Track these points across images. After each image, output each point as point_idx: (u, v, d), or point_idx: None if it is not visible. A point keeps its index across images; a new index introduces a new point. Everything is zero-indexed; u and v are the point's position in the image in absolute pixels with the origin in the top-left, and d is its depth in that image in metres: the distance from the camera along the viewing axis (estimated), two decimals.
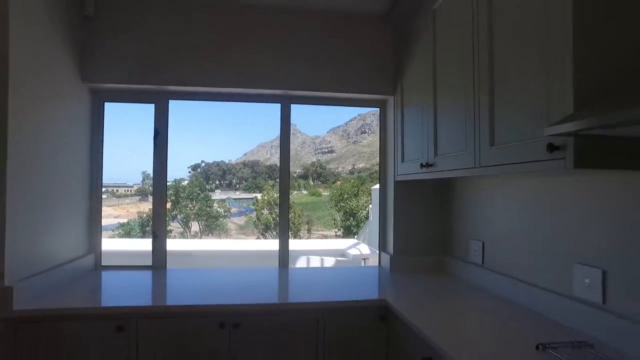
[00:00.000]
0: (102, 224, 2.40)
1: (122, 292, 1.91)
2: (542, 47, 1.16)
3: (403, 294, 1.90)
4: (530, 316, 1.54)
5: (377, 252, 2.62)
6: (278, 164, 2.55)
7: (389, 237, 2.44)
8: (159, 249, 2.34)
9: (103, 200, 2.46)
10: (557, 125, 0.98)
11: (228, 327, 1.67)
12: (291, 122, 2.50)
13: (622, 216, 1.26)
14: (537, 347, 1.21)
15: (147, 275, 2.22)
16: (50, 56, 1.88)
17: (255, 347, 1.70)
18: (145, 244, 2.75)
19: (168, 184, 3.12)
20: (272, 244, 2.82)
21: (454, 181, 2.28)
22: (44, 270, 1.80)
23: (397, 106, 2.32)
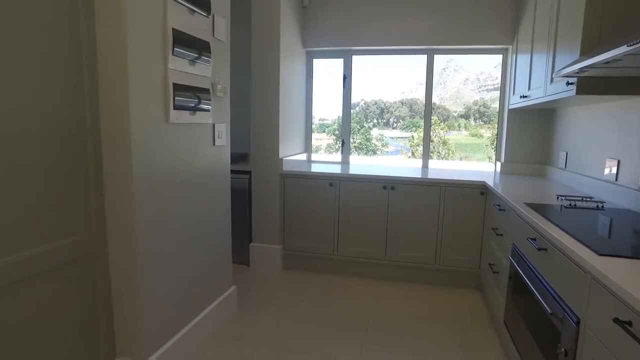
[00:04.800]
0: None
1: (330, 168, 3.38)
2: (575, 20, 2.00)
3: (499, 182, 2.89)
4: (576, 192, 2.42)
5: None
6: (437, 102, 3.59)
7: (502, 150, 3.37)
8: (345, 151, 3.79)
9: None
10: (562, 69, 1.88)
11: (388, 188, 3.00)
12: (453, 57, 3.49)
13: (623, 127, 2.08)
14: (557, 197, 2.17)
15: (339, 165, 3.67)
16: (290, 33, 3.33)
17: (404, 201, 3.00)
18: (326, 157, 4.23)
19: (330, 121, 4.37)
20: (418, 162, 3.87)
21: (553, 108, 3.03)
22: (289, 155, 3.39)
23: (513, 53, 3.13)
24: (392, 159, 5.92)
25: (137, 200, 1.64)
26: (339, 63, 3.70)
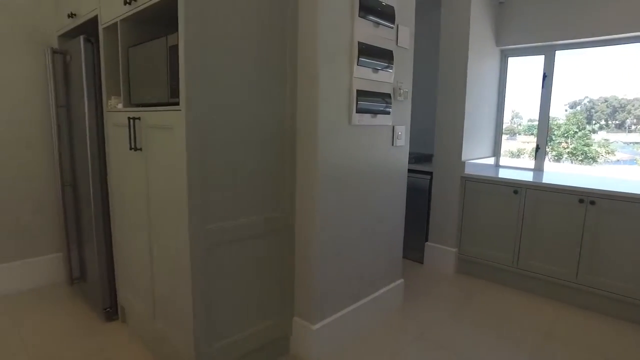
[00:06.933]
0: None
1: (517, 174, 3.15)
2: None
3: None
4: None
5: None
6: None
7: None
8: (540, 157, 3.44)
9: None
10: None
11: (586, 202, 2.61)
12: None
13: None
14: None
15: (530, 172, 3.36)
16: (481, 32, 3.22)
17: (606, 218, 2.55)
18: (516, 163, 3.87)
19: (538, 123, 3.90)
20: None
21: None
22: (472, 158, 3.29)
23: None
24: (618, 169, 4.92)
25: (319, 189, 1.96)
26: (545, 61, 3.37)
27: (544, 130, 3.44)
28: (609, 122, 4.63)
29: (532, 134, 4.30)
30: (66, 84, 2.49)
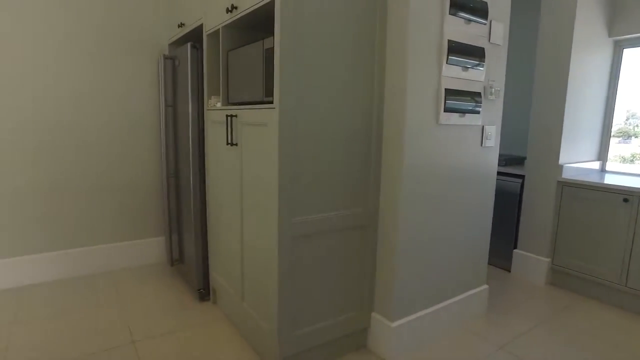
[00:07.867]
0: None
1: (629, 181, 2.83)
2: None
3: None
4: None
5: None
6: None
7: None
8: None
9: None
10: None
11: None
12: None
13: None
14: None
15: None
16: (589, 22, 2.93)
17: None
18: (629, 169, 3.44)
19: None
20: None
21: None
22: (572, 162, 3.02)
23: None
24: None
25: (403, 188, 1.95)
26: None
27: None
28: None
29: None
30: (174, 86, 2.78)
